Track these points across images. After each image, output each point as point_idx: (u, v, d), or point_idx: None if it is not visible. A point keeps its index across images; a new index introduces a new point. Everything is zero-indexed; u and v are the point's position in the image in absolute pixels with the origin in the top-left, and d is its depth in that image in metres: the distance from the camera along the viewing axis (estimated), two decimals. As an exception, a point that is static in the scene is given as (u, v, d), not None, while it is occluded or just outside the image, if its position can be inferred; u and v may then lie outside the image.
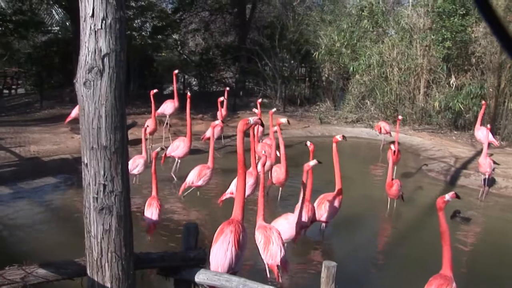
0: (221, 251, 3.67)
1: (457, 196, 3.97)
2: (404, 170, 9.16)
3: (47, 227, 6.03)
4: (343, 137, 6.05)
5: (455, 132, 13.41)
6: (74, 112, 9.96)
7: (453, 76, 13.45)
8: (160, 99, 12.45)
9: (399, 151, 7.64)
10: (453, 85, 13.30)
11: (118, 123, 2.77)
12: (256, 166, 6.67)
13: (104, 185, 2.76)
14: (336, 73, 17.19)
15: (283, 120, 7.57)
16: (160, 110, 10.42)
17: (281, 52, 18.36)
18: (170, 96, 18.19)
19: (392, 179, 6.80)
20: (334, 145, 5.91)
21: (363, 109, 15.28)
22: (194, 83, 21.46)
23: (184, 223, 3.64)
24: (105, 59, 2.57)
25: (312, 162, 5.27)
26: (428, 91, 14.38)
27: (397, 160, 7.68)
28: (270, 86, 18.48)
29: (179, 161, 8.21)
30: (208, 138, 9.27)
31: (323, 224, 5.90)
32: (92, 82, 2.59)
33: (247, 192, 6.15)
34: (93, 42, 2.52)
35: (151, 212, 5.62)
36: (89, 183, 2.76)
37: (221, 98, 10.48)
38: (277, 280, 4.25)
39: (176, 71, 10.35)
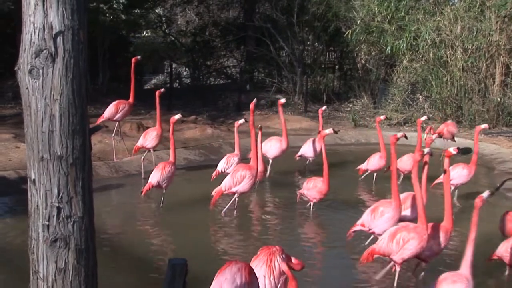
0: (228, 278, 3.73)
1: None
2: (472, 190, 9.02)
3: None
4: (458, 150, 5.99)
5: (548, 136, 13.28)
6: (108, 111, 10.21)
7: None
8: (139, 97, 12.53)
9: None
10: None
11: (78, 125, 2.80)
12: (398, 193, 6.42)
13: (59, 208, 2.78)
14: (376, 58, 17.12)
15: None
16: (139, 143, 9.89)
17: (301, 31, 18.35)
18: (153, 91, 18.27)
19: None
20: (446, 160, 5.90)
21: (413, 107, 15.20)
22: (185, 73, 21.60)
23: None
24: (58, 39, 2.60)
25: (486, 194, 5.03)
26: (507, 79, 14.27)
27: None
28: (287, 77, 18.48)
29: (236, 199, 8.06)
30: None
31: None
32: (40, 70, 2.62)
33: (385, 226, 6.16)
34: (41, 16, 2.55)
35: (154, 174, 7.76)
36: (37, 206, 2.77)
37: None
38: None
39: (161, 90, 10.01)
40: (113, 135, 10.38)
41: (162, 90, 10.05)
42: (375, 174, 9.63)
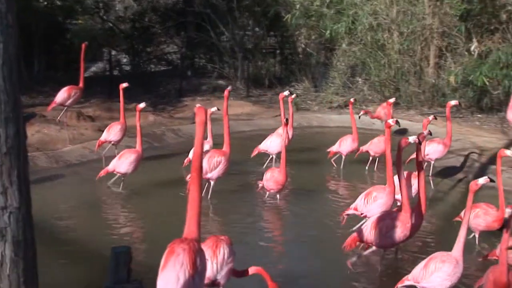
0: (172, 276, 3.62)
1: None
2: (410, 169, 9.26)
3: None
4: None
5: (479, 115, 13.62)
6: (60, 96, 10.16)
7: (474, 40, 13.52)
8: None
9: None
10: (474, 52, 13.43)
11: (10, 113, 2.72)
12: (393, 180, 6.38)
13: (-7, 200, 2.69)
14: (316, 42, 17.26)
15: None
16: (103, 137, 9.58)
17: (241, 16, 18.32)
18: (93, 79, 18.02)
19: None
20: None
21: (353, 90, 15.45)
22: (125, 60, 21.23)
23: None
24: (-15, 22, 2.51)
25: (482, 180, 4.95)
26: (440, 62, 14.61)
27: None
28: (228, 62, 18.43)
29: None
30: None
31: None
32: (-33, 56, 2.52)
33: (378, 211, 6.12)
34: (-35, -2, 2.46)
35: (114, 160, 8.14)
36: (-30, 197, 2.68)
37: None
38: None
39: (124, 85, 9.61)
40: (58, 118, 10.37)
41: (125, 84, 9.69)
42: (344, 157, 9.60)
